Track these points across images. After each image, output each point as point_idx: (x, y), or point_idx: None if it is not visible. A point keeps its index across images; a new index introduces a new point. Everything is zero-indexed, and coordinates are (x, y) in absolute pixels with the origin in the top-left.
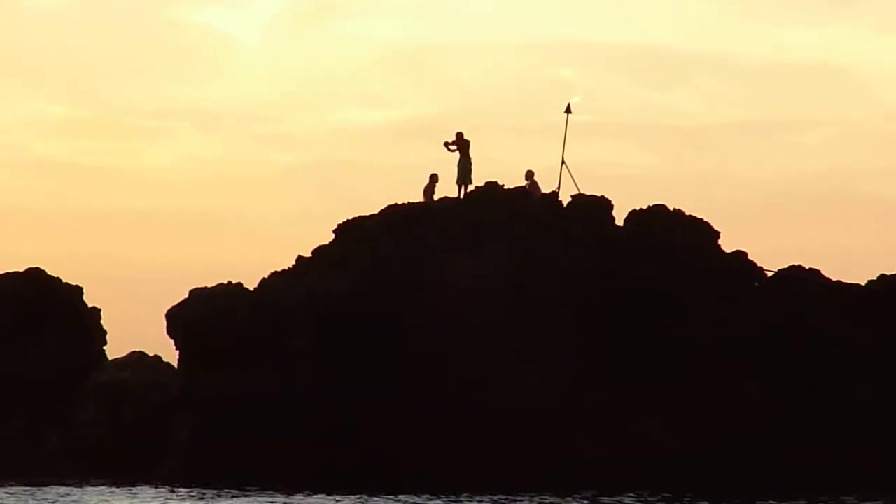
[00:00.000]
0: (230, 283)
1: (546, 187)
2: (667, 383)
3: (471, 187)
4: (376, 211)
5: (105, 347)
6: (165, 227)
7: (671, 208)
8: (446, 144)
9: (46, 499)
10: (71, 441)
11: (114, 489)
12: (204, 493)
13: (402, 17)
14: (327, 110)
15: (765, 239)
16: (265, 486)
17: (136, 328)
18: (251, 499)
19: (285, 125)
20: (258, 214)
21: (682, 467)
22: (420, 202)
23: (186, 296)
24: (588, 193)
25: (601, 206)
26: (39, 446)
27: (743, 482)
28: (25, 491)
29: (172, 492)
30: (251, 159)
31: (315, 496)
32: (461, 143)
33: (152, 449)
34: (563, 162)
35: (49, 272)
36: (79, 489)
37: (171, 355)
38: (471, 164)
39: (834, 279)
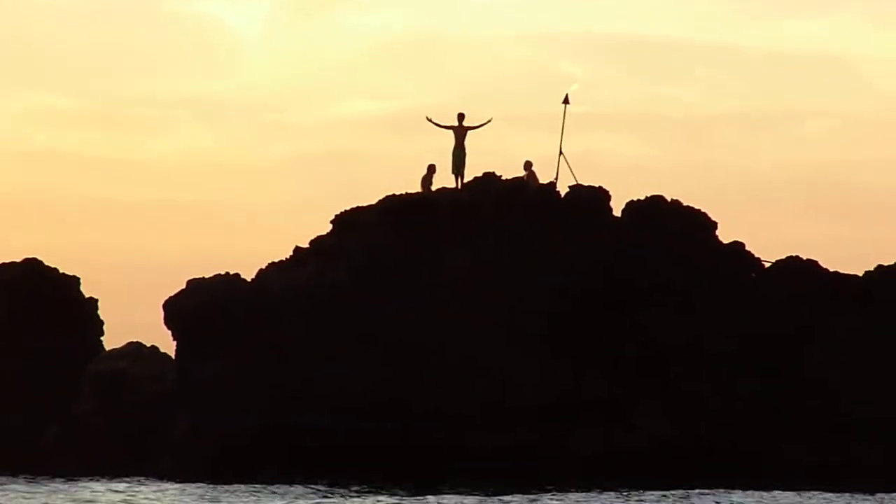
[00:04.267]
0: (227, 273)
1: (544, 178)
2: (664, 375)
3: (466, 178)
4: (374, 201)
5: (102, 338)
6: (163, 218)
7: (669, 199)
8: (429, 119)
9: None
10: (69, 432)
11: (108, 483)
12: (202, 486)
13: (402, 7)
14: (326, 101)
15: (762, 230)
16: (263, 477)
17: (133, 319)
18: (249, 490)
19: (284, 116)
20: (256, 205)
21: (680, 459)
22: (418, 192)
23: (184, 286)
24: (586, 184)
25: (599, 196)
26: (38, 438)
27: (742, 473)
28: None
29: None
30: (250, 150)
31: (313, 486)
32: (458, 130)
33: (151, 440)
34: (560, 152)
35: (46, 262)
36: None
37: (168, 346)
38: (465, 153)
39: (831, 270)
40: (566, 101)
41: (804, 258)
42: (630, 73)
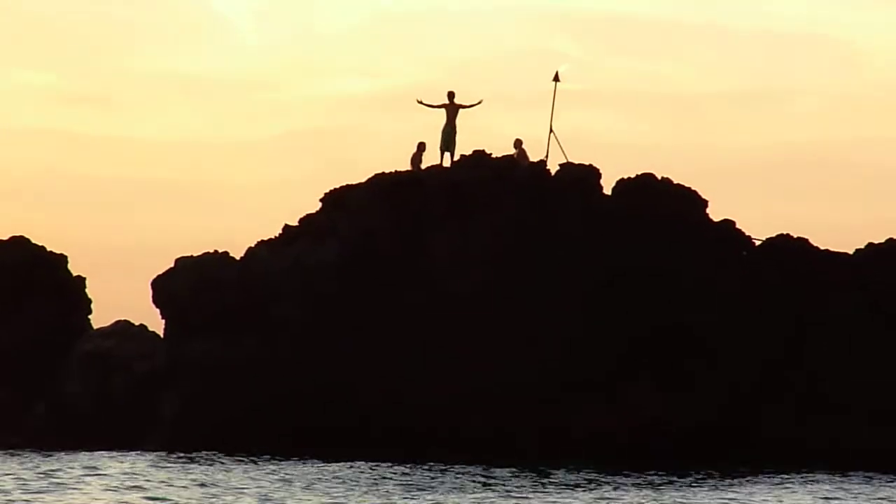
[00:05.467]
0: (216, 251)
1: (534, 156)
2: (654, 353)
3: (456, 156)
4: (364, 179)
5: (90, 316)
6: (152, 196)
7: (659, 177)
8: (420, 102)
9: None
10: (57, 410)
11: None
12: (192, 458)
13: None
14: (316, 79)
15: (753, 208)
16: (252, 455)
17: (121, 297)
18: (239, 466)
19: (274, 94)
20: (245, 183)
21: (672, 439)
22: (408, 170)
23: (172, 265)
24: (576, 162)
25: (589, 174)
26: (26, 416)
27: (736, 453)
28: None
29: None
30: (239, 128)
31: (302, 464)
32: (450, 108)
33: (140, 418)
34: (551, 130)
35: (34, 241)
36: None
37: (156, 324)
38: (455, 131)
39: (822, 248)
40: (556, 79)
41: (795, 236)
42: (620, 50)
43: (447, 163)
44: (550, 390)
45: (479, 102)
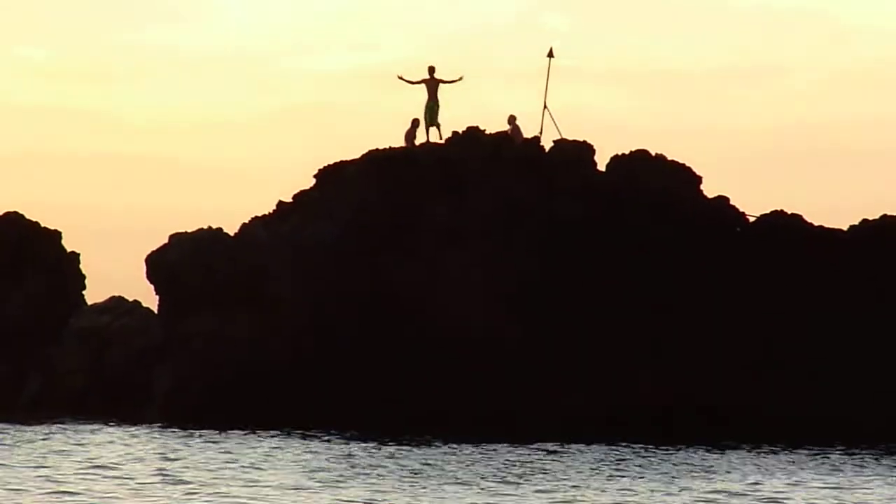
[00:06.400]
0: (210, 227)
1: (528, 132)
2: (648, 329)
3: (444, 130)
4: (357, 156)
5: (84, 292)
6: (145, 172)
7: (653, 153)
8: (401, 78)
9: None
10: (52, 386)
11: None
12: (186, 433)
13: None
14: (309, 54)
15: (748, 185)
16: (246, 430)
17: (115, 273)
18: (232, 440)
19: (266, 69)
20: (239, 159)
21: (668, 416)
22: (401, 147)
23: (167, 240)
24: (570, 138)
25: (583, 151)
26: (20, 391)
27: (728, 430)
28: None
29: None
30: (232, 104)
31: (296, 439)
32: (430, 83)
33: (135, 394)
34: (545, 107)
35: (28, 217)
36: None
37: (150, 300)
38: (438, 106)
39: (816, 224)
40: (551, 55)
41: (789, 213)
42: (615, 26)
43: (434, 138)
44: (546, 368)
45: (460, 78)
